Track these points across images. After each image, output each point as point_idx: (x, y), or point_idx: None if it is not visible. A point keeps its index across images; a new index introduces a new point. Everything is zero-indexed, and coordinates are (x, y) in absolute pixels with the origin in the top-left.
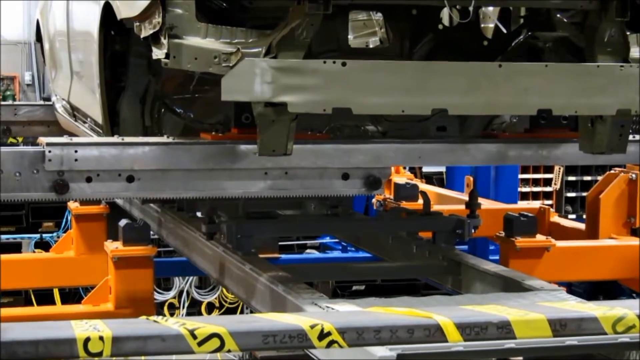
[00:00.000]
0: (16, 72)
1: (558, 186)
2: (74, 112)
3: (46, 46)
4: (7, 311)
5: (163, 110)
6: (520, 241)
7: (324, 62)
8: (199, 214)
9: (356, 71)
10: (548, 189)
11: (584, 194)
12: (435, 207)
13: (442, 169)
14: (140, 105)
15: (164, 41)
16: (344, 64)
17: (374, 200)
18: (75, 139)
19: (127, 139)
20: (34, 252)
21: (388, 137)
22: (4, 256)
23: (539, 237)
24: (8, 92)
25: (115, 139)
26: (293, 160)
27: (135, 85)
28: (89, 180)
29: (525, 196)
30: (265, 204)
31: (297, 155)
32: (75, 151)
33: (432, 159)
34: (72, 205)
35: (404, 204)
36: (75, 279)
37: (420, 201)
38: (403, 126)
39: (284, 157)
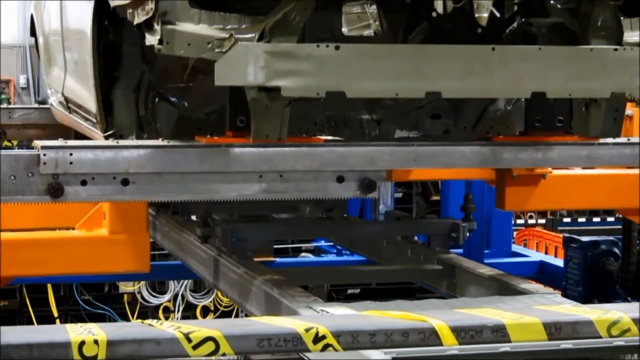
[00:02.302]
0: (11, 76)
1: None
2: (69, 104)
3: (40, 40)
4: (6, 235)
5: (157, 99)
6: (517, 169)
7: (317, 46)
8: (193, 218)
9: (349, 55)
10: None
11: None
12: None
13: None
14: (135, 94)
15: (157, 27)
16: (337, 48)
17: None
18: (70, 142)
19: (122, 142)
20: None
21: (383, 125)
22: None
23: None
24: (3, 96)
25: (110, 142)
26: (288, 163)
27: (129, 75)
28: (84, 183)
29: None
30: (260, 208)
31: (291, 158)
32: (70, 154)
33: (428, 161)
34: None
35: None
36: (71, 220)
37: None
38: (398, 114)
39: (279, 160)
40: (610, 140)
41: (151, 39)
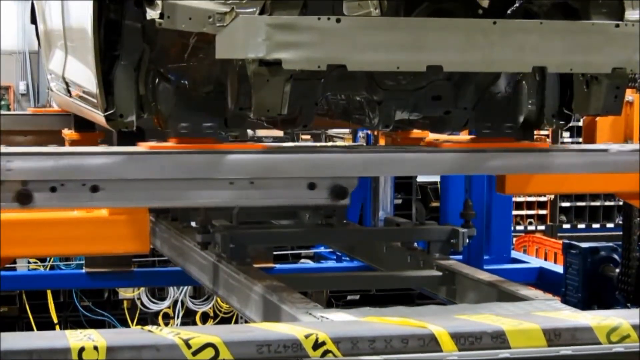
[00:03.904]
0: (11, 82)
1: (552, 196)
2: (69, 87)
3: (41, 27)
4: (6, 215)
5: (157, 79)
6: None
7: (319, 19)
8: (193, 224)
9: (351, 27)
10: (542, 198)
11: (578, 203)
12: None
13: (437, 178)
14: (135, 73)
15: (158, 1)
16: (338, 21)
17: None
18: (38, 149)
19: (90, 149)
20: None
21: (383, 106)
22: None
23: None
24: (2, 102)
25: (79, 148)
26: (258, 170)
27: (129, 54)
28: (53, 190)
29: (519, 205)
30: (260, 214)
31: (262, 165)
32: (39, 161)
33: (401, 168)
34: (67, 131)
35: None
36: None
37: None
38: (398, 95)
39: (250, 167)
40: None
41: (152, 14)
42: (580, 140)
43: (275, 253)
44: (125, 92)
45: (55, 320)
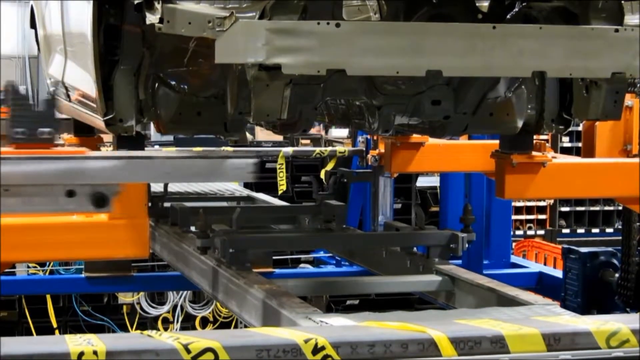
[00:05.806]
0: None
1: (552, 201)
2: (68, 92)
3: (40, 32)
4: (6, 220)
5: (157, 83)
6: (517, 156)
7: (318, 24)
8: (192, 229)
9: (350, 32)
10: (542, 203)
11: (578, 208)
12: None
13: (437, 183)
14: (135, 78)
15: (158, 6)
16: (338, 25)
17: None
18: None
19: None
20: None
21: (382, 111)
22: None
23: (535, 154)
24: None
25: None
26: (13, 177)
27: (129, 58)
28: None
29: (519, 210)
30: (260, 219)
31: (17, 172)
32: None
33: (166, 177)
34: (66, 136)
35: None
36: None
37: None
38: (398, 100)
39: (4, 174)
40: None
41: (152, 18)
42: (580, 144)
43: (274, 258)
44: (125, 96)
45: (55, 325)
